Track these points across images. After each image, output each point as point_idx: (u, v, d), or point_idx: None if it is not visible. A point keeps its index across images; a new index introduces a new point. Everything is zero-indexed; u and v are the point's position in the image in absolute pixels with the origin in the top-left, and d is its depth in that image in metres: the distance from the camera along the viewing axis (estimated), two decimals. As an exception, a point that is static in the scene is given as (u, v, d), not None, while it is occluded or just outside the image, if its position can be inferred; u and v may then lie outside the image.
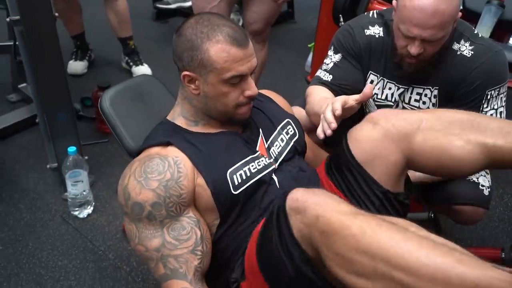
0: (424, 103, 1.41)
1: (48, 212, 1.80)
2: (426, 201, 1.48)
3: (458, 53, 1.34)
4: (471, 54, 1.33)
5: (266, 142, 1.21)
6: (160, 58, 2.79)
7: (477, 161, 1.10)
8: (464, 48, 1.34)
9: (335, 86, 1.42)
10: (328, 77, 1.44)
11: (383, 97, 1.45)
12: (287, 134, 1.26)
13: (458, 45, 1.34)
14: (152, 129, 1.21)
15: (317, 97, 1.36)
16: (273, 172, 1.17)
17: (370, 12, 1.46)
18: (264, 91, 1.38)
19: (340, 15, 1.93)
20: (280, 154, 1.21)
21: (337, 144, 1.24)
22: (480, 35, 1.38)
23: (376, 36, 1.41)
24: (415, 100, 1.42)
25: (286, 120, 1.28)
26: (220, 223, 1.12)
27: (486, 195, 1.37)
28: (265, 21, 2.02)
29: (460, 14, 1.26)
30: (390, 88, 1.43)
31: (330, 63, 1.46)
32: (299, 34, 3.19)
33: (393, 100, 1.44)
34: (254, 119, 1.23)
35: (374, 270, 0.83)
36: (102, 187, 1.90)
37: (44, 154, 1.90)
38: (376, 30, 1.41)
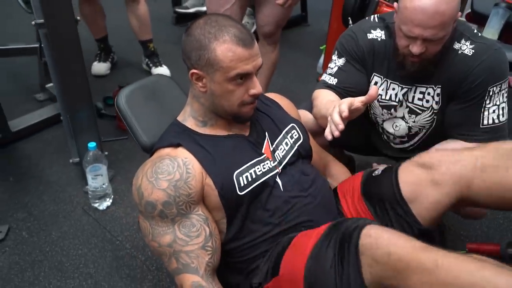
0: (428, 102, 1.44)
1: (70, 204, 1.88)
2: None
3: (460, 52, 1.36)
4: (472, 53, 1.35)
5: (272, 146, 1.24)
6: (179, 60, 2.78)
7: None
8: (465, 47, 1.36)
9: (340, 89, 1.45)
10: (333, 81, 1.47)
11: (387, 98, 1.48)
12: (292, 138, 1.28)
13: (459, 45, 1.36)
14: (164, 131, 1.24)
15: (324, 100, 1.39)
16: (277, 176, 1.20)
17: (372, 17, 1.49)
18: (271, 95, 1.41)
19: (349, 18, 1.97)
20: (284, 158, 1.24)
21: (383, 176, 1.26)
22: (480, 35, 1.39)
23: (378, 40, 1.44)
24: (419, 99, 1.45)
25: (291, 125, 1.31)
26: (228, 224, 1.16)
27: None
28: (276, 24, 2.06)
29: (460, 14, 1.28)
30: (394, 89, 1.46)
31: (335, 67, 1.49)
32: (312, 37, 3.23)
33: (397, 100, 1.47)
34: (261, 123, 1.26)
35: None
36: (121, 181, 1.97)
37: (67, 150, 1.99)
38: (378, 34, 1.45)
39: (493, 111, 1.37)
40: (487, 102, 1.36)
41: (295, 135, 1.30)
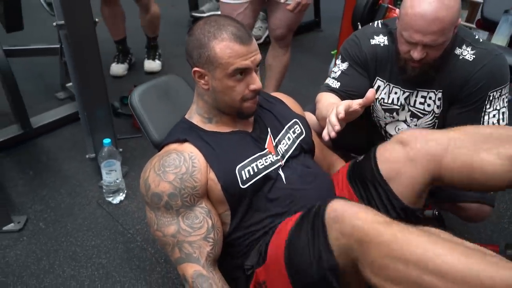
0: (429, 106, 1.46)
1: (86, 197, 1.95)
2: (433, 199, 1.49)
3: (460, 58, 1.38)
4: (473, 58, 1.36)
5: (274, 140, 1.27)
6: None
7: (509, 174, 1.09)
8: (466, 53, 1.38)
9: (343, 92, 1.48)
10: (336, 84, 1.50)
11: (390, 101, 1.51)
12: (294, 133, 1.32)
13: (460, 50, 1.38)
14: (172, 128, 1.29)
15: (325, 103, 1.42)
16: (280, 169, 1.24)
17: (375, 22, 1.52)
18: (277, 94, 1.46)
19: (359, 23, 2.00)
20: (287, 152, 1.27)
21: (363, 158, 1.29)
22: (481, 40, 1.41)
23: (381, 45, 1.47)
24: (420, 103, 1.47)
25: (294, 120, 1.35)
26: (232, 216, 1.20)
27: (491, 193, 1.39)
28: (288, 28, 2.10)
29: (460, 20, 1.30)
30: (396, 93, 1.49)
31: (338, 71, 1.52)
32: (324, 42, 3.26)
33: (399, 104, 1.49)
34: (263, 119, 1.30)
35: (407, 275, 0.84)
36: (134, 177, 2.03)
37: (85, 146, 2.06)
38: (381, 39, 1.47)
39: (493, 116, 1.38)
40: (487, 107, 1.38)
41: (298, 130, 1.33)
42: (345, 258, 0.95)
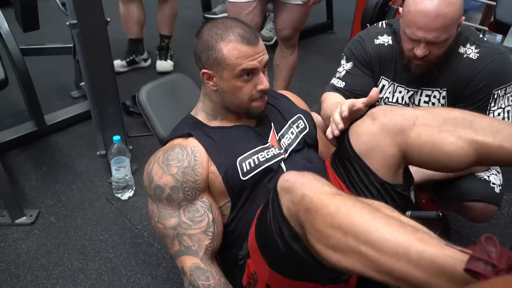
0: (433, 105, 1.46)
1: (96, 193, 2.00)
2: (438, 198, 1.50)
3: (465, 56, 1.38)
4: (477, 57, 1.36)
5: (277, 135, 1.29)
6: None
7: (467, 157, 1.13)
8: (470, 51, 1.38)
9: (348, 92, 1.49)
10: (341, 84, 1.52)
11: (394, 100, 1.51)
12: (298, 128, 1.33)
13: (464, 49, 1.38)
14: (178, 123, 1.32)
15: (330, 102, 1.44)
16: (282, 161, 1.24)
17: (380, 23, 1.53)
18: (283, 92, 1.48)
19: (368, 25, 2.02)
20: (290, 146, 1.28)
21: (341, 139, 1.29)
22: (486, 39, 1.40)
23: (385, 45, 1.48)
24: (425, 102, 1.47)
25: (298, 115, 1.35)
26: (232, 207, 1.21)
27: (497, 193, 1.38)
28: (294, 28, 2.12)
29: (463, 18, 1.31)
30: (401, 92, 1.49)
31: (343, 71, 1.54)
32: (336, 44, 3.25)
33: (404, 103, 1.50)
34: (267, 114, 1.31)
35: (346, 245, 0.87)
36: None
37: (96, 144, 2.10)
38: (385, 39, 1.48)
39: (498, 114, 1.38)
40: (492, 105, 1.37)
41: (301, 125, 1.34)
42: (298, 226, 0.96)
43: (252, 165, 1.20)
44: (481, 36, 1.42)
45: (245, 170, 1.19)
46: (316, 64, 3.07)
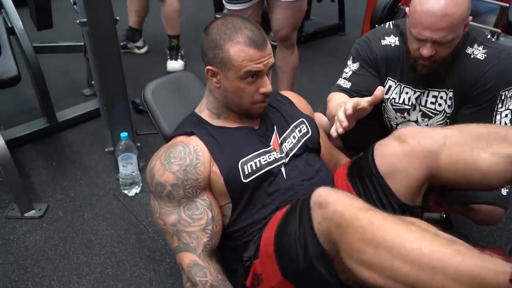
0: (440, 105, 1.45)
1: (103, 189, 2.02)
2: (444, 200, 1.48)
3: (472, 57, 1.37)
4: (484, 57, 1.35)
5: (280, 139, 1.29)
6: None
7: (505, 173, 1.09)
8: (478, 52, 1.36)
9: (354, 92, 1.49)
10: (347, 84, 1.52)
11: (401, 101, 1.51)
12: (300, 132, 1.33)
13: (472, 49, 1.37)
14: (182, 121, 1.33)
15: (335, 102, 1.44)
16: (282, 166, 1.26)
17: (387, 23, 1.53)
18: (287, 93, 1.47)
19: (377, 26, 2.02)
20: (291, 150, 1.29)
21: (363, 154, 1.29)
22: (494, 40, 1.39)
23: (392, 45, 1.47)
24: (431, 103, 1.47)
25: (300, 120, 1.36)
26: (233, 208, 1.22)
27: (504, 195, 1.37)
28: (291, 26, 2.09)
29: (471, 18, 1.29)
30: (407, 93, 1.49)
31: (349, 72, 1.54)
32: (348, 46, 3.14)
33: (410, 104, 1.49)
34: (271, 117, 1.32)
35: (378, 259, 0.85)
36: None
37: (105, 140, 2.13)
38: (392, 40, 1.48)
39: (506, 115, 1.36)
40: (499, 106, 1.36)
41: (304, 129, 1.35)
42: (328, 243, 0.96)
43: (254, 168, 1.21)
44: (489, 37, 1.40)
45: (247, 173, 1.20)
46: (327, 66, 3.06)
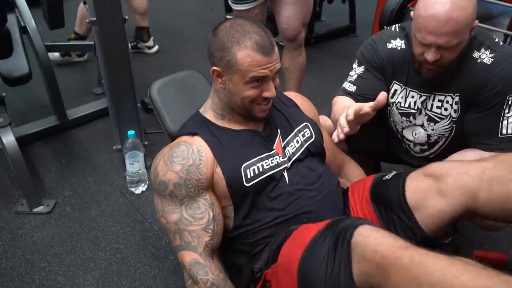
0: (446, 110, 1.44)
1: (111, 186, 2.05)
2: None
3: (479, 61, 1.34)
4: (491, 62, 1.33)
5: (283, 142, 1.29)
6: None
7: None
8: (485, 56, 1.34)
9: (359, 96, 1.48)
10: (353, 88, 1.51)
11: (406, 105, 1.50)
12: (303, 137, 1.32)
13: (479, 53, 1.35)
14: (186, 120, 1.32)
15: (340, 106, 1.43)
16: (285, 170, 1.25)
17: (393, 26, 1.51)
18: (292, 94, 1.45)
19: (385, 27, 2.01)
20: (294, 154, 1.28)
21: (391, 181, 1.27)
22: (501, 44, 1.37)
23: (398, 49, 1.46)
24: (437, 107, 1.45)
25: (304, 124, 1.35)
26: (235, 211, 1.23)
27: None
28: (300, 22, 2.05)
29: (477, 22, 1.27)
30: (413, 97, 1.47)
31: (354, 75, 1.53)
32: (358, 48, 3.21)
33: (416, 108, 1.48)
34: (275, 121, 1.31)
35: None
36: None
37: (113, 138, 2.16)
38: (398, 43, 1.46)
39: None
40: (506, 111, 1.34)
41: (307, 134, 1.34)
42: (364, 283, 0.95)
43: (256, 172, 1.21)
44: (497, 40, 1.38)
45: (249, 177, 1.20)
46: (337, 67, 3.05)
